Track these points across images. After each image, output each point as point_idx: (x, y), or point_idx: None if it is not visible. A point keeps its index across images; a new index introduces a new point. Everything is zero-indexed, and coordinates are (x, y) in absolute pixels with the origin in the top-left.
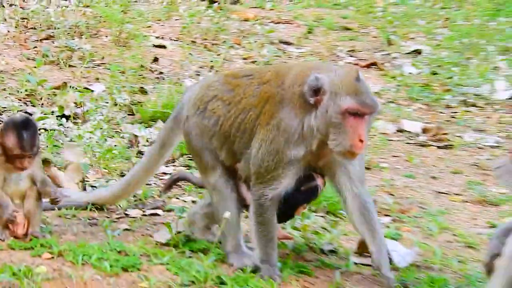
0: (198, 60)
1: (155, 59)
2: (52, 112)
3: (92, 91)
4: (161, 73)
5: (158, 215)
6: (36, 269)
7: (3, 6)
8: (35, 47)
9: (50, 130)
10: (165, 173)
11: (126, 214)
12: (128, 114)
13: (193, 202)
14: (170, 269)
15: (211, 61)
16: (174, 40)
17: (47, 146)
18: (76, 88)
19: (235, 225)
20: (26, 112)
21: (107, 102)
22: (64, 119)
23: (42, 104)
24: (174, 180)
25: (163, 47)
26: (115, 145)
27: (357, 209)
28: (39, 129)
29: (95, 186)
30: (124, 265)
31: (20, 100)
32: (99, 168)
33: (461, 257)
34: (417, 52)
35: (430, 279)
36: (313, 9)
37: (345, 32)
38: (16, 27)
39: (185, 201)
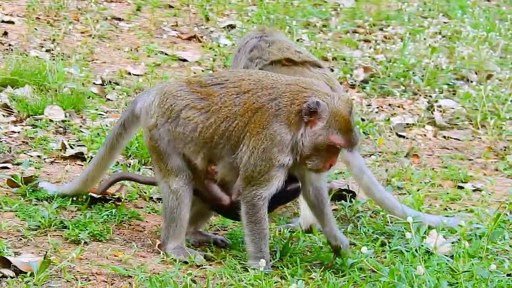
0: (42, 34)
1: (5, 33)
2: None
3: None
4: (10, 45)
5: (8, 168)
6: None
7: None
8: None
9: None
10: (13, 132)
11: None
12: None
13: (39, 157)
14: (18, 215)
15: (53, 35)
16: (21, 17)
17: None
18: None
19: (183, 228)
20: None
21: None
22: None
23: None
24: (113, 180)
25: (12, 23)
26: None
27: (313, 194)
28: None
29: None
30: None
31: None
32: None
33: None
34: (231, 26)
35: None
36: None
37: (169, 9)
38: None
39: (31, 156)
